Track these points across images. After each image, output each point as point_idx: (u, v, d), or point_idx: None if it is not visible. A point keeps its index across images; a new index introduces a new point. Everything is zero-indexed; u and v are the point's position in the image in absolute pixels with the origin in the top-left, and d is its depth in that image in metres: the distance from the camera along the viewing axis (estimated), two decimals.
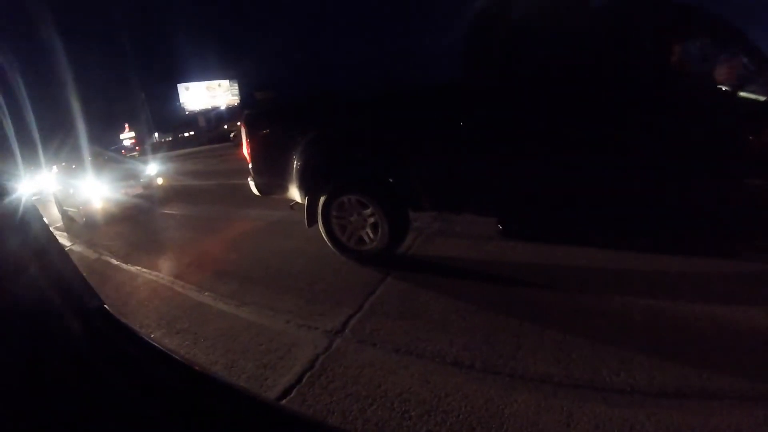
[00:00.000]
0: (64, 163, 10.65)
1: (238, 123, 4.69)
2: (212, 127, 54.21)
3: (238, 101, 60.55)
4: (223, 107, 59.89)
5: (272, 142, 4.11)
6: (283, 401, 2.13)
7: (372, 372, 2.29)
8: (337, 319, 2.90)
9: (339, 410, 2.03)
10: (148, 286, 4.16)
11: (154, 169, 9.81)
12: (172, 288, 4.01)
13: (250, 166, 4.22)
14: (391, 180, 3.46)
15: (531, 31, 2.94)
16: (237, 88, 62.34)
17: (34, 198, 8.87)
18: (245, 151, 4.18)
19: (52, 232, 0.89)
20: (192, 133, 53.19)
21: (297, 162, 3.77)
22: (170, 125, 55.89)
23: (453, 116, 3.06)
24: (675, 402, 1.85)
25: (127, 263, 5.02)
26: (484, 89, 2.97)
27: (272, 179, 4.14)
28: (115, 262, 5.17)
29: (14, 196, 0.81)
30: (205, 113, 58.59)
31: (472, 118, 3.00)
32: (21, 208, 0.80)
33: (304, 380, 2.29)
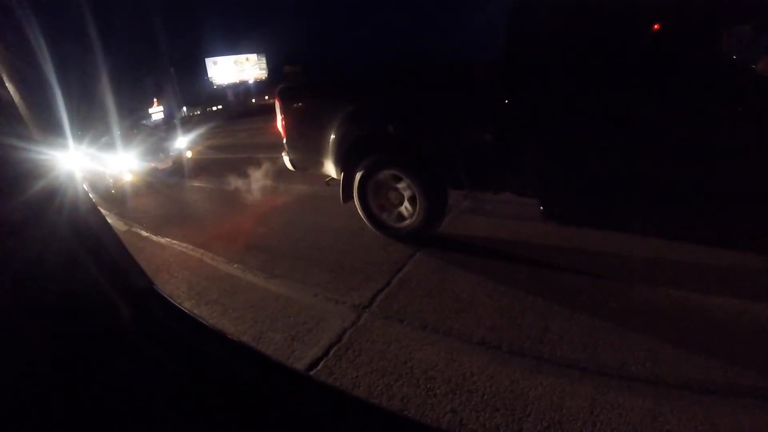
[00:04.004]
0: (92, 136, 10.86)
1: (266, 97, 4.66)
2: (241, 101, 54.61)
3: (266, 75, 60.62)
4: (251, 81, 60.08)
5: (308, 116, 4.08)
6: (310, 373, 2.19)
7: (399, 348, 2.32)
8: (365, 295, 2.93)
9: (365, 384, 2.08)
10: (178, 258, 4.26)
11: (183, 143, 9.97)
12: (201, 259, 4.10)
13: (284, 140, 4.21)
14: (430, 157, 3.39)
15: (580, 7, 2.81)
16: (265, 62, 62.34)
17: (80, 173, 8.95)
18: (279, 125, 4.18)
19: (99, 210, 0.88)
20: (220, 107, 53.76)
21: (333, 137, 3.74)
22: (199, 99, 56.54)
23: (497, 93, 2.97)
24: (699, 397, 1.83)
25: (157, 235, 5.13)
26: (530, 66, 2.87)
27: (307, 154, 4.12)
28: (145, 233, 5.29)
29: (60, 169, 0.76)
30: (233, 87, 58.90)
31: (517, 96, 2.91)
32: (66, 183, 0.77)
33: (331, 353, 2.34)
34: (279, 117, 4.14)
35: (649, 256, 3.00)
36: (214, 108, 53.54)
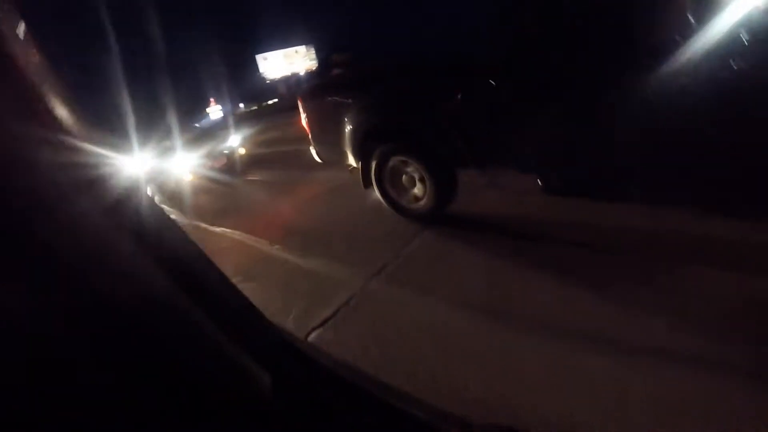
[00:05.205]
0: (155, 140, 11.88)
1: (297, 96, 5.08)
2: (294, 93, 55.91)
3: (317, 66, 61.65)
4: (302, 73, 61.39)
5: (326, 112, 4.48)
6: (320, 329, 2.68)
7: (398, 310, 2.72)
8: (376, 264, 3.35)
9: (361, 344, 2.47)
10: (229, 243, 4.95)
11: (236, 141, 10.76)
12: (248, 243, 4.75)
13: (309, 136, 4.71)
14: (432, 142, 3.65)
15: None
16: (314, 52, 63.44)
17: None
18: (304, 122, 4.67)
19: (203, 251, 0.73)
20: (276, 100, 55.35)
21: (349, 129, 4.12)
22: (253, 95, 58.91)
23: (484, 79, 3.18)
24: (679, 371, 1.80)
25: (213, 225, 5.91)
26: (525, 49, 3.05)
27: (330, 147, 4.55)
28: (203, 225, 6.08)
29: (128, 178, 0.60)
30: (285, 80, 60.57)
31: (503, 79, 3.10)
32: (153, 214, 0.63)
33: (338, 315, 2.80)
34: (302, 115, 4.62)
35: (652, 230, 2.99)
36: (270, 102, 55.30)
